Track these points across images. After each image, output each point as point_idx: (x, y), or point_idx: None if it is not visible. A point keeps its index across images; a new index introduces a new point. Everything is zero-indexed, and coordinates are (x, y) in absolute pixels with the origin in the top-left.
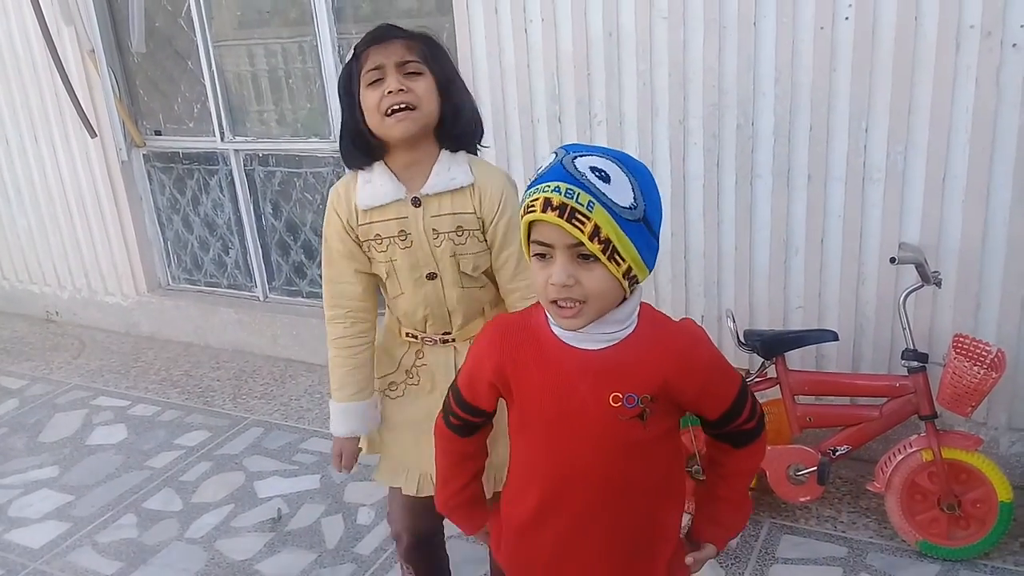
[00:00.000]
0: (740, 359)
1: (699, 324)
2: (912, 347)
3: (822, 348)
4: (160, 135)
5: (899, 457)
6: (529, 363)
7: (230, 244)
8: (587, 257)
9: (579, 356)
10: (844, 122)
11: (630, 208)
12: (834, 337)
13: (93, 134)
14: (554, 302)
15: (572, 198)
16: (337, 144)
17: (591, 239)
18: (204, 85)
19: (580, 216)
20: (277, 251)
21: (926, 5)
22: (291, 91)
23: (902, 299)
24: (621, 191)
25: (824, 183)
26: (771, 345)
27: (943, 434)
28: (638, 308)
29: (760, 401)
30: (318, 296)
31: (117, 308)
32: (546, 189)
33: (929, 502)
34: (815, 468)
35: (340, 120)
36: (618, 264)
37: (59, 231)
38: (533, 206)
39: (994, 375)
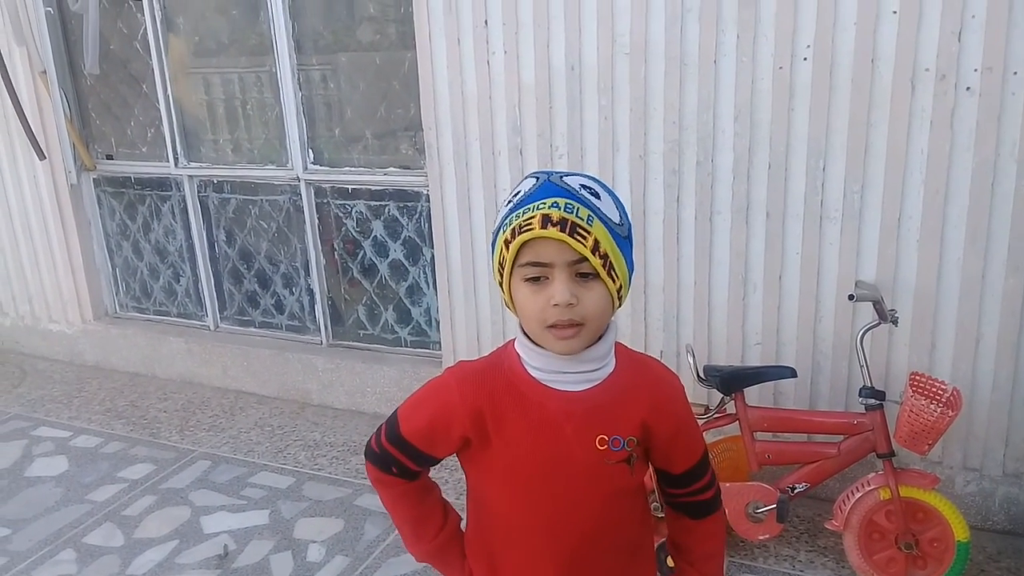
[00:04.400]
0: (699, 395)
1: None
2: (869, 385)
3: (780, 385)
4: (112, 159)
5: (857, 495)
6: (509, 410)
7: (181, 272)
8: (585, 276)
9: (562, 398)
10: (802, 161)
11: (619, 224)
12: (792, 373)
13: (42, 156)
14: (552, 326)
15: (572, 213)
16: (292, 171)
17: (592, 254)
18: (159, 109)
19: (582, 231)
20: (230, 279)
21: (882, 48)
22: (248, 118)
23: (859, 337)
24: (610, 208)
25: (783, 220)
26: (730, 381)
27: (900, 472)
28: (614, 345)
29: (719, 437)
30: (271, 326)
31: (61, 336)
32: (543, 206)
33: (887, 541)
34: (774, 506)
35: None
36: (613, 281)
37: (2, 256)
38: (530, 224)
39: (951, 413)
